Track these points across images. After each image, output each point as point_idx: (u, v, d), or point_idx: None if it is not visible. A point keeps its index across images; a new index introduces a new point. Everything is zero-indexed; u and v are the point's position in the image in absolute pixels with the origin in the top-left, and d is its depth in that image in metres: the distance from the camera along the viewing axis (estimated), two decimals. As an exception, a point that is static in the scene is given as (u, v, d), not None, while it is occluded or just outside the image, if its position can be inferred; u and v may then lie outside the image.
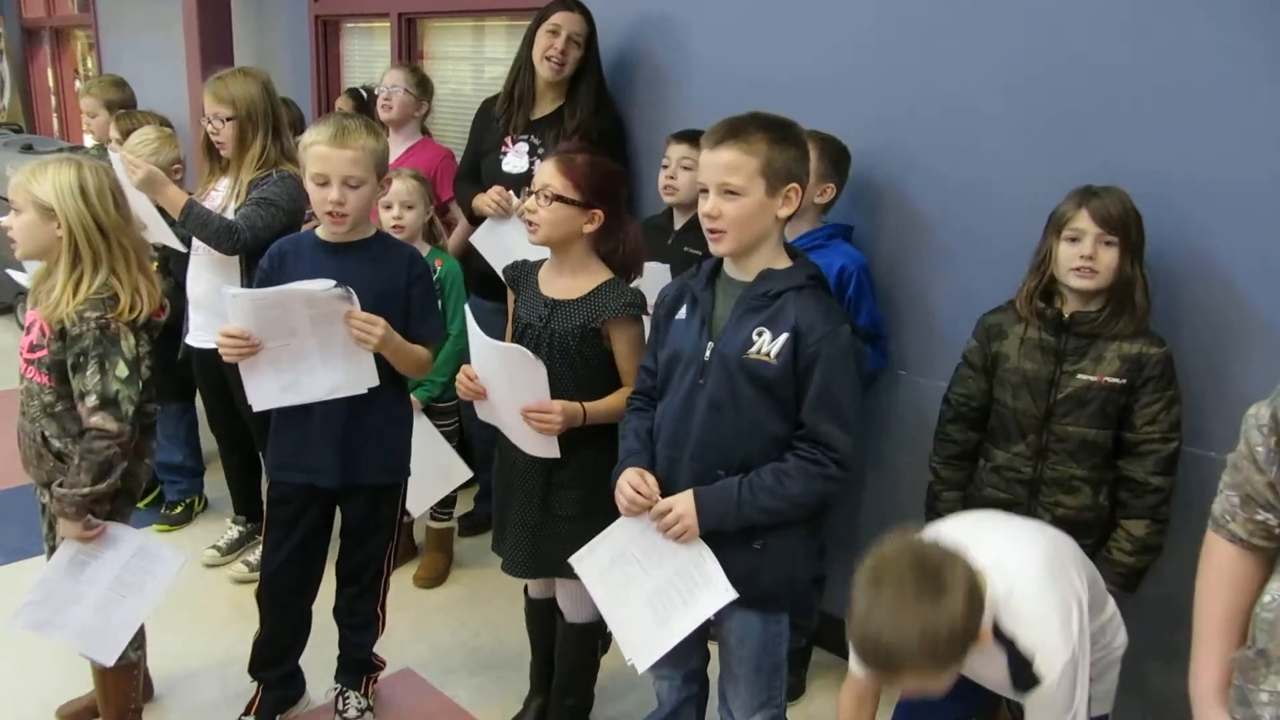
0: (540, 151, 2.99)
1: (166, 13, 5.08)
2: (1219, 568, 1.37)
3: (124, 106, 3.97)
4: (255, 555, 3.06)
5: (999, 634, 1.51)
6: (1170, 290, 2.02)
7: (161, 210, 2.80)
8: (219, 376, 2.91)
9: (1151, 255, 1.96)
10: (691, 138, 2.60)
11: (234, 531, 3.19)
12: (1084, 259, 1.91)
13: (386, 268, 2.16)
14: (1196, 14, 1.95)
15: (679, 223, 2.70)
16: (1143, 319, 1.94)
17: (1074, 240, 1.93)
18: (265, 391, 2.09)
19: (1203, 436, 2.01)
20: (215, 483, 3.45)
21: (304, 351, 2.03)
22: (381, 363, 2.09)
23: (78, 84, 6.94)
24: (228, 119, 2.71)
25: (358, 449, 2.16)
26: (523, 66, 2.99)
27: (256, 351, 2.02)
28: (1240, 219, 1.95)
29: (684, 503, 1.74)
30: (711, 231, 1.72)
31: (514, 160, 3.04)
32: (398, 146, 3.35)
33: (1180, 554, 1.59)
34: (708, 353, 1.75)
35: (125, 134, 3.39)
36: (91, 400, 1.91)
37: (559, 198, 1.98)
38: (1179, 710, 1.89)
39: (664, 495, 1.79)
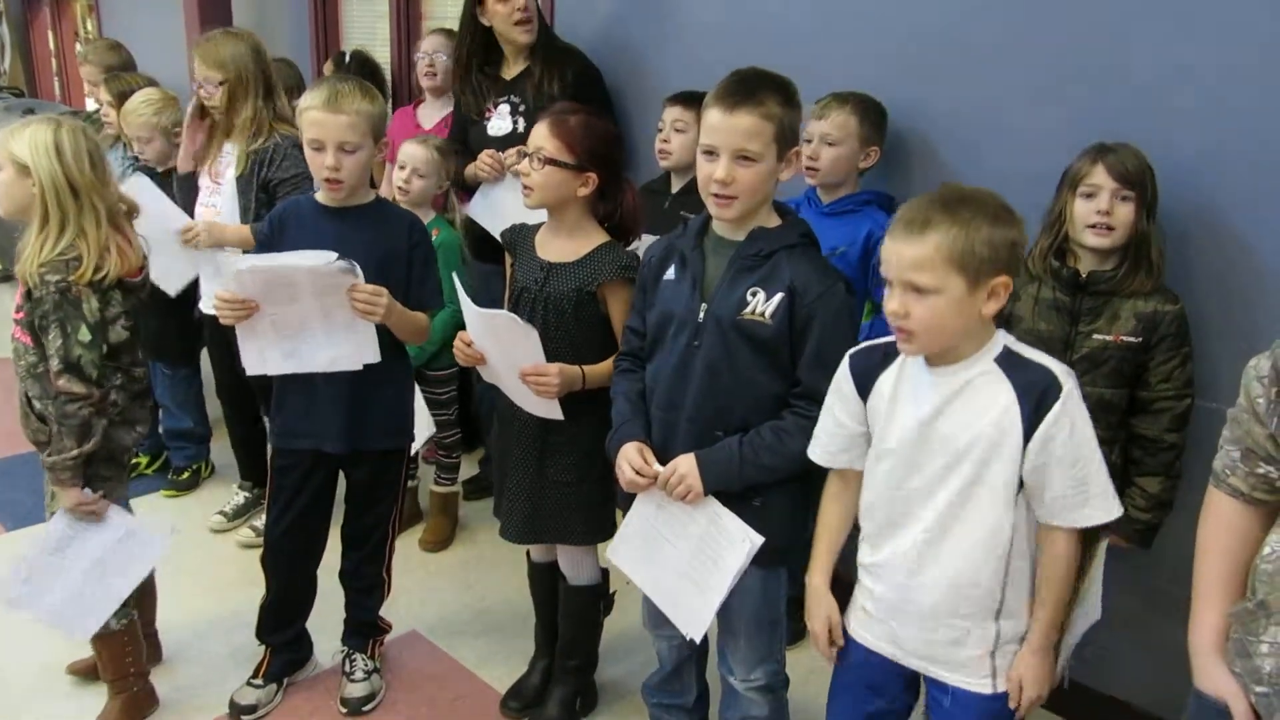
0: (523, 109, 2.97)
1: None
2: (1220, 523, 1.36)
3: (124, 70, 3.94)
4: (262, 520, 3.05)
5: (1008, 356, 1.45)
6: (1180, 245, 1.99)
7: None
8: (227, 343, 2.91)
9: (1161, 211, 1.93)
10: (685, 100, 2.57)
11: (240, 497, 3.21)
12: (1100, 214, 1.89)
13: (387, 232, 2.15)
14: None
15: (676, 186, 2.66)
16: (1159, 275, 1.93)
17: (1090, 196, 1.91)
18: (262, 357, 2.08)
19: (1213, 390, 1.99)
20: (221, 448, 3.47)
21: (307, 320, 2.02)
22: (384, 329, 2.08)
23: (78, 46, 6.88)
24: (220, 83, 2.68)
25: (364, 414, 2.16)
26: (468, 50, 2.96)
27: (253, 314, 2.01)
28: (1248, 174, 1.92)
29: (686, 464, 1.73)
30: (721, 197, 1.68)
31: (498, 123, 3.02)
32: (435, 113, 3.33)
33: (1190, 508, 1.57)
34: (701, 314, 1.73)
35: (117, 96, 3.36)
36: (55, 364, 1.92)
37: (552, 160, 1.95)
38: (1189, 665, 1.91)
39: (662, 458, 1.78)
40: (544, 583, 2.33)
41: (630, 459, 1.79)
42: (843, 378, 1.60)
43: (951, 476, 1.48)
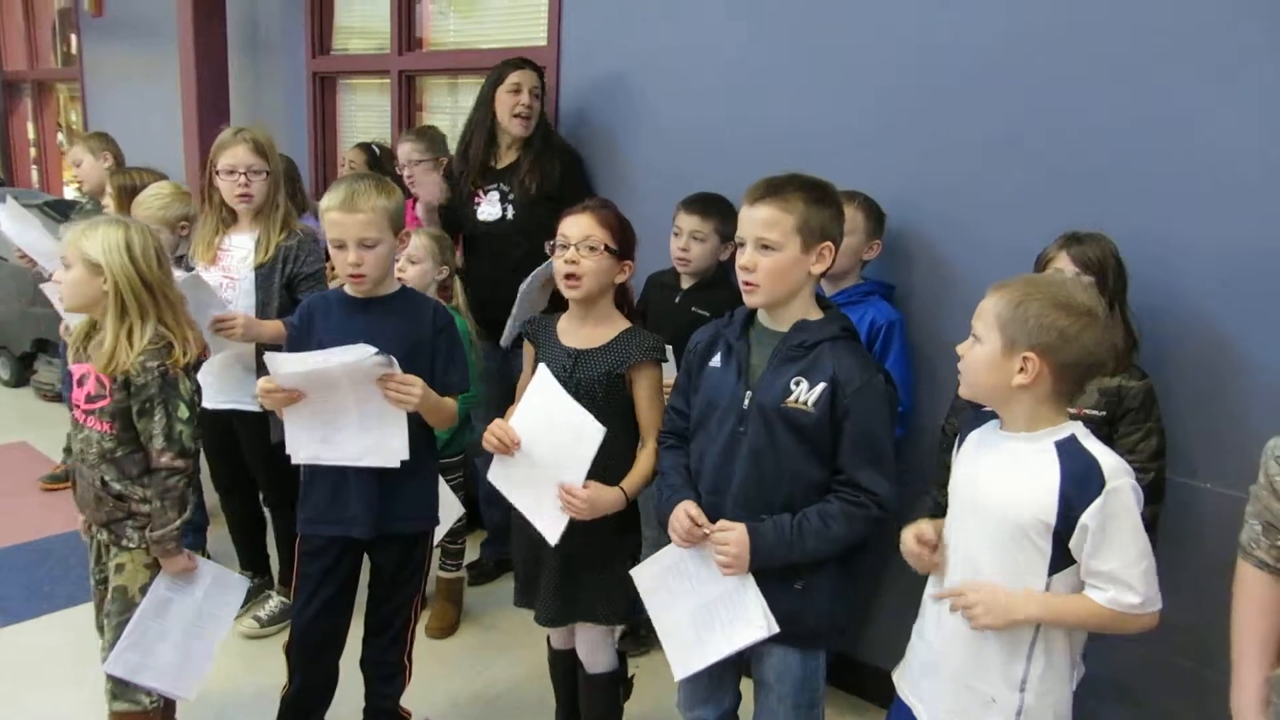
0: (511, 197, 3.12)
1: (156, 66, 5.13)
2: (1250, 593, 1.46)
3: (106, 151, 4.01)
4: (265, 610, 3.06)
5: (1070, 443, 1.53)
6: (1155, 326, 2.11)
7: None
8: (225, 435, 2.93)
9: (1142, 298, 2.07)
10: (701, 211, 2.65)
11: (242, 586, 3.16)
12: None
13: (412, 320, 2.20)
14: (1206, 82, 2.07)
15: (686, 283, 2.74)
16: (1124, 358, 2.02)
17: None
18: (303, 444, 2.11)
19: (1186, 465, 2.11)
20: (217, 537, 3.43)
21: (343, 408, 2.06)
22: (412, 415, 2.11)
23: (59, 136, 6.96)
24: (266, 173, 2.76)
25: (391, 498, 2.18)
26: (475, 129, 3.15)
27: (297, 400, 2.06)
28: (1217, 262, 2.07)
29: (738, 542, 1.78)
30: (746, 284, 1.80)
31: (488, 209, 3.17)
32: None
33: (1175, 580, 1.66)
34: (746, 401, 1.81)
35: (120, 191, 3.39)
36: (159, 443, 2.06)
37: (608, 249, 2.04)
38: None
39: None
40: (564, 670, 2.34)
41: (682, 521, 1.85)
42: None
43: (987, 537, 1.58)
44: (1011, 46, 2.32)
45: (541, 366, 2.09)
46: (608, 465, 2.03)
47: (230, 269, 2.80)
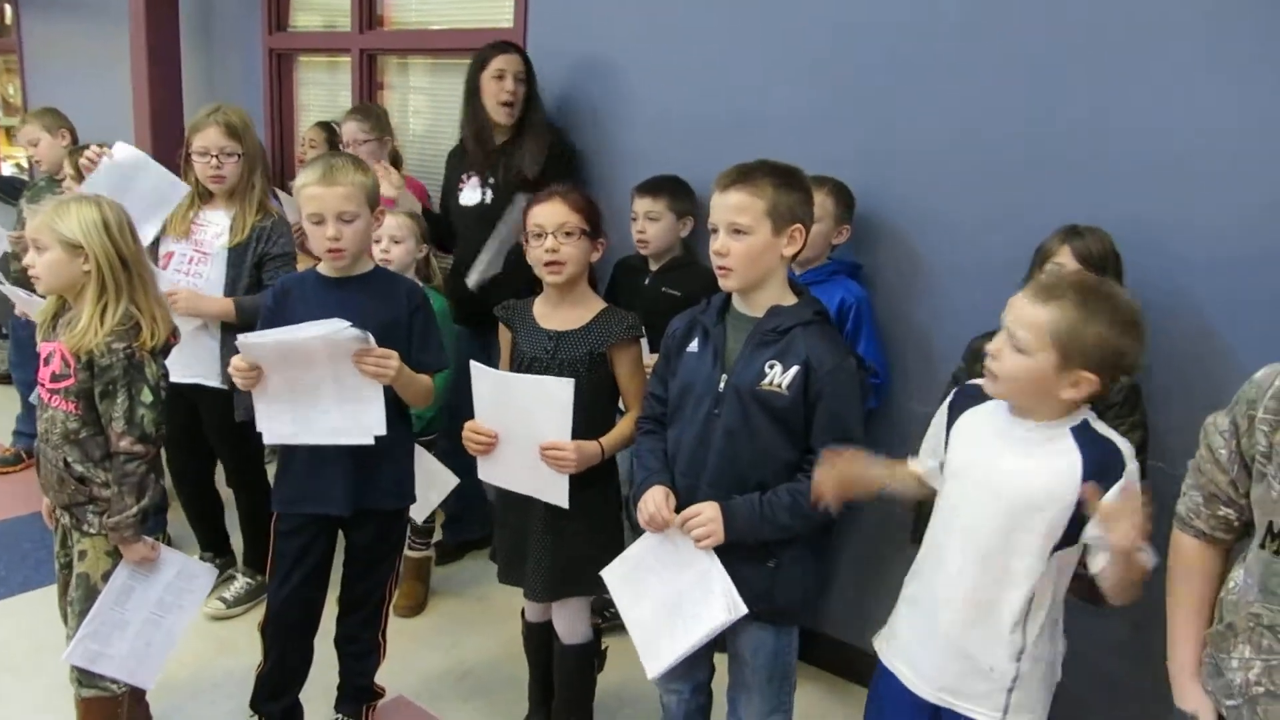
0: (491, 181, 3.11)
1: (104, 39, 4.99)
2: (1186, 562, 1.56)
3: (63, 129, 3.92)
4: (230, 591, 3.05)
5: (1085, 429, 1.59)
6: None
7: None
8: (182, 414, 2.89)
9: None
10: (654, 190, 2.74)
11: (205, 568, 3.14)
12: None
13: (388, 299, 2.22)
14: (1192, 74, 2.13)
15: (653, 265, 2.80)
16: None
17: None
18: (276, 424, 2.12)
19: (1161, 450, 2.16)
20: (176, 519, 3.39)
21: (319, 386, 2.06)
22: (389, 391, 2.13)
23: (-4, 110, 6.74)
24: (239, 155, 2.73)
25: (368, 475, 2.20)
26: (468, 121, 3.10)
27: (264, 381, 2.06)
28: (1209, 261, 2.13)
29: (711, 510, 1.84)
30: (720, 268, 1.85)
31: (470, 193, 3.16)
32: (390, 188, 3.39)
33: (1160, 567, 1.73)
34: (722, 384, 1.86)
35: (78, 169, 3.33)
36: (119, 426, 2.01)
37: (584, 232, 2.09)
38: (1145, 703, 2.04)
39: None
40: (539, 643, 2.39)
41: (654, 499, 1.90)
42: (944, 405, 1.78)
43: (998, 515, 1.62)
44: (982, 30, 2.38)
45: (471, 363, 2.14)
46: (594, 438, 2.09)
47: (202, 243, 2.78)
